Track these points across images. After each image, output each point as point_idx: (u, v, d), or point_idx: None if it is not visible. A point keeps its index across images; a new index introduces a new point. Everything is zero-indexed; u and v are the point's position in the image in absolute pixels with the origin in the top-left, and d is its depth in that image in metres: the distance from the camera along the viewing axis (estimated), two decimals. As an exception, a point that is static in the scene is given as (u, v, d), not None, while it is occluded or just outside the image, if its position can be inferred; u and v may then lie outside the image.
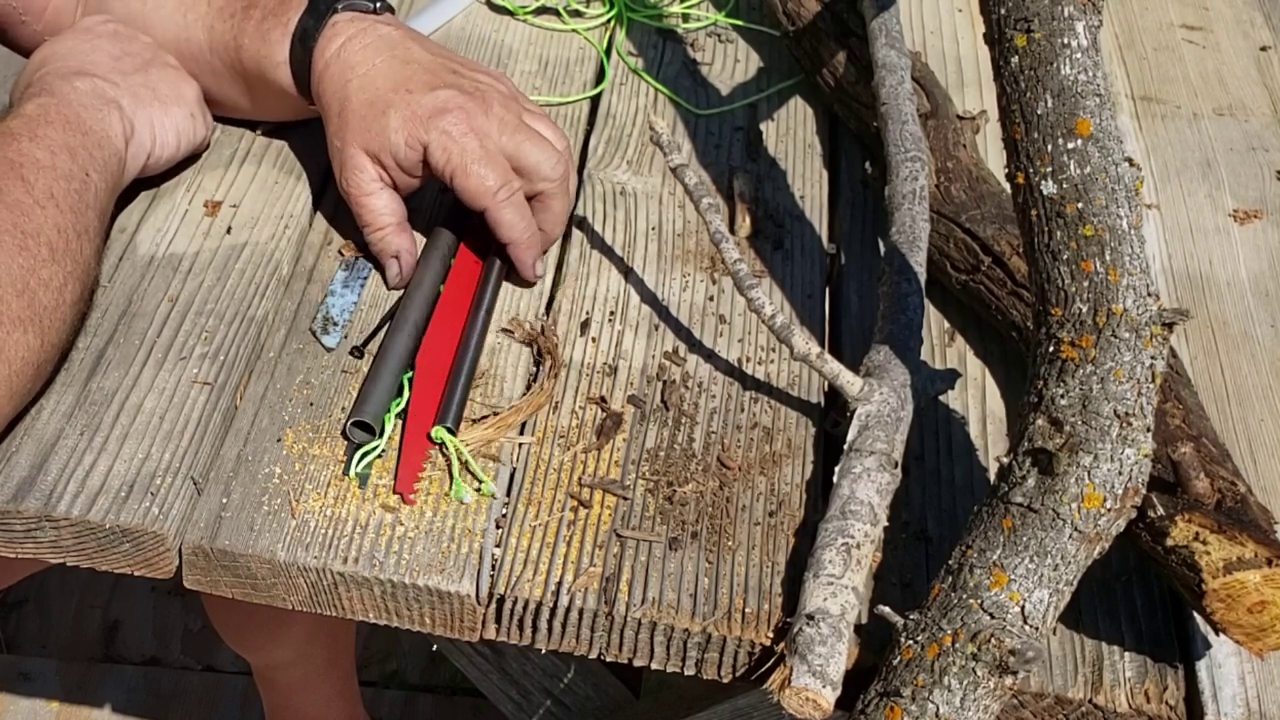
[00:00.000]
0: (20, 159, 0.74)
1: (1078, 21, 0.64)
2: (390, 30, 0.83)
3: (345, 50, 0.81)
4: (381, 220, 0.82)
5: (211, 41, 0.86)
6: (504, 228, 0.81)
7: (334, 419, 0.76)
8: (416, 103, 0.79)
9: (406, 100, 0.79)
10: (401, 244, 0.83)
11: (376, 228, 0.82)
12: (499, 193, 0.80)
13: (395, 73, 0.81)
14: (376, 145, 0.80)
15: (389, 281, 0.83)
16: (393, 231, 0.82)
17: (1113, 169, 0.62)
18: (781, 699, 0.62)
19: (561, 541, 0.71)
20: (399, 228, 0.83)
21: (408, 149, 0.79)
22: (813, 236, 0.91)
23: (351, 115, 0.80)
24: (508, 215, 0.81)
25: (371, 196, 0.81)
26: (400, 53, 0.82)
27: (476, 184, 0.79)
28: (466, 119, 0.79)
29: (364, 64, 0.81)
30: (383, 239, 0.82)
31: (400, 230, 0.83)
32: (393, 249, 0.82)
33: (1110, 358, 0.61)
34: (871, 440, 0.71)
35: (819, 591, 0.65)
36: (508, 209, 0.80)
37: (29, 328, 0.70)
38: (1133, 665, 0.69)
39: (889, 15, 0.93)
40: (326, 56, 0.82)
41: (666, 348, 0.82)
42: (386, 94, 0.80)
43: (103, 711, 1.70)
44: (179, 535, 0.70)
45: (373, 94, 0.80)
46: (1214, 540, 0.63)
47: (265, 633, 1.33)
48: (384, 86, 0.80)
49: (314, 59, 0.82)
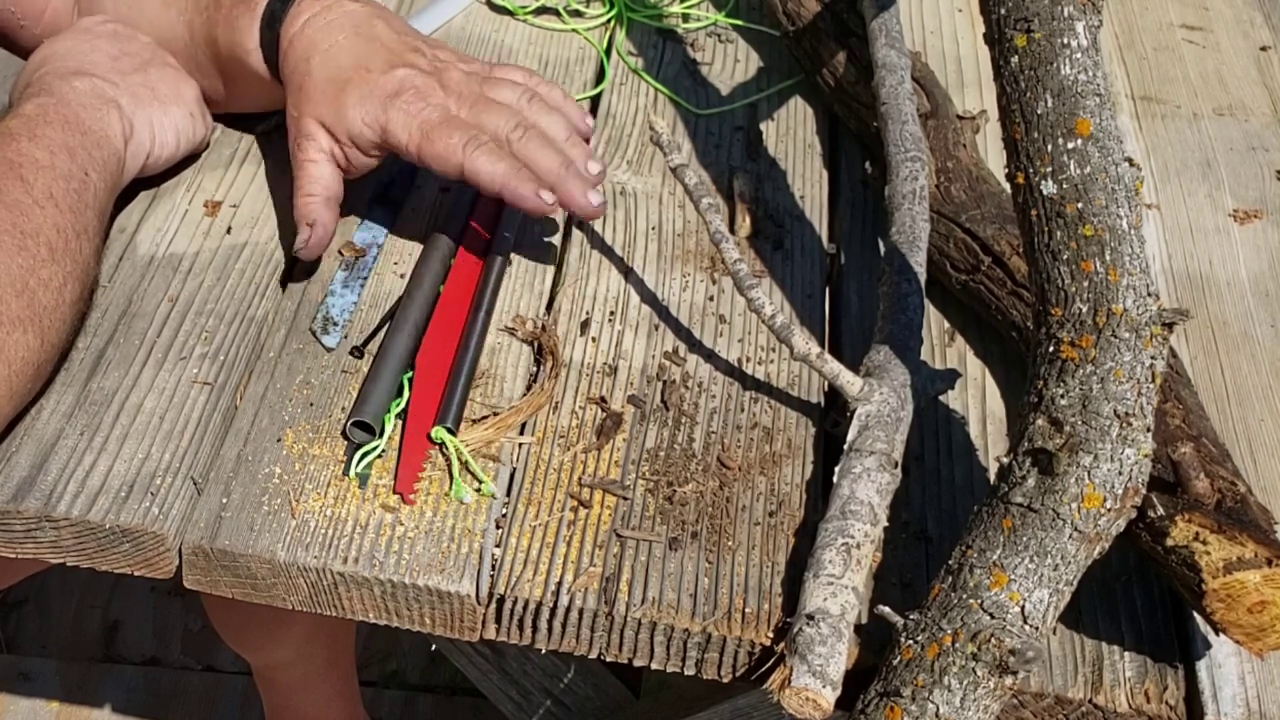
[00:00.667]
0: (19, 159, 0.74)
1: (1078, 21, 0.64)
2: (355, 6, 0.84)
3: (309, 27, 0.82)
4: (313, 187, 0.81)
5: (192, 36, 0.87)
6: (483, 176, 0.79)
7: (334, 419, 0.76)
8: (374, 82, 0.80)
9: (365, 79, 0.80)
10: (321, 215, 0.81)
11: (306, 193, 0.81)
12: (465, 145, 0.79)
13: (356, 50, 0.81)
14: (331, 119, 0.80)
15: (295, 247, 0.81)
16: (319, 202, 0.81)
17: (1113, 169, 0.62)
18: (781, 699, 0.62)
19: (561, 541, 0.71)
20: (327, 201, 0.82)
21: (364, 126, 0.80)
22: (813, 236, 0.91)
23: (312, 89, 0.80)
24: (482, 163, 0.79)
25: (314, 164, 0.81)
26: (364, 29, 0.82)
27: (442, 145, 0.79)
28: (424, 96, 0.80)
29: (326, 40, 0.81)
30: (307, 204, 0.81)
31: (326, 204, 0.82)
32: (310, 216, 0.81)
33: (1110, 358, 0.61)
34: (871, 440, 0.71)
35: (819, 591, 0.65)
36: (478, 154, 0.79)
37: (28, 328, 0.70)
38: (1133, 665, 0.69)
39: (889, 15, 0.93)
40: (290, 33, 0.82)
41: (666, 348, 0.82)
42: (347, 71, 0.80)
43: (103, 711, 1.70)
44: (179, 535, 0.70)
45: (333, 70, 0.80)
46: (1214, 540, 0.63)
47: (265, 633, 1.33)
48: (345, 63, 0.80)
49: (279, 39, 0.82)
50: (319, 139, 0.81)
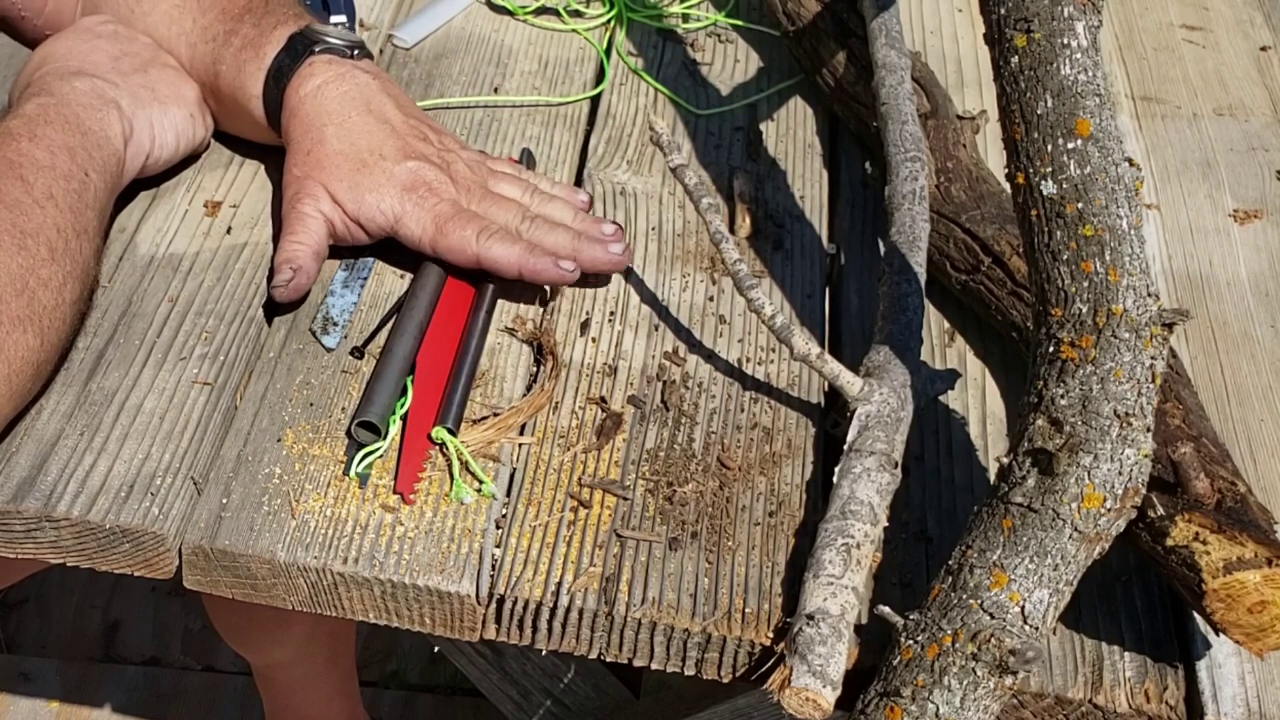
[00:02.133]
0: (19, 159, 0.74)
1: (1078, 21, 0.64)
2: (368, 79, 0.84)
3: (321, 94, 0.82)
4: (304, 236, 0.81)
5: (192, 59, 0.87)
6: (500, 263, 0.81)
7: (334, 419, 0.76)
8: (389, 171, 0.81)
9: (380, 166, 0.81)
10: (307, 263, 0.80)
11: (296, 239, 0.80)
12: (479, 235, 0.80)
13: (370, 131, 0.82)
14: (345, 196, 0.81)
15: (273, 285, 0.80)
16: (308, 251, 0.80)
17: (1113, 169, 0.62)
18: (781, 699, 0.62)
19: (561, 542, 0.71)
20: (315, 254, 0.81)
21: (379, 213, 0.81)
22: (813, 236, 0.91)
23: (325, 159, 0.81)
24: (497, 250, 0.80)
25: (311, 218, 0.81)
26: (376, 108, 0.83)
27: (457, 238, 0.80)
28: (438, 190, 0.82)
29: (340, 114, 0.82)
30: (295, 249, 0.80)
31: (314, 256, 0.81)
32: (296, 261, 0.80)
33: (1110, 358, 0.61)
34: (871, 440, 0.71)
35: (819, 592, 0.65)
36: (494, 245, 0.80)
37: (28, 327, 0.70)
38: (1133, 665, 0.69)
39: (889, 15, 0.93)
40: (301, 94, 0.83)
41: (666, 348, 0.82)
42: (362, 153, 0.81)
43: (103, 711, 1.70)
44: (179, 535, 0.70)
45: (348, 147, 0.81)
46: (1214, 540, 0.63)
47: (265, 633, 1.33)
48: (361, 145, 0.82)
49: (286, 96, 0.83)
50: (322, 201, 0.81)
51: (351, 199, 0.81)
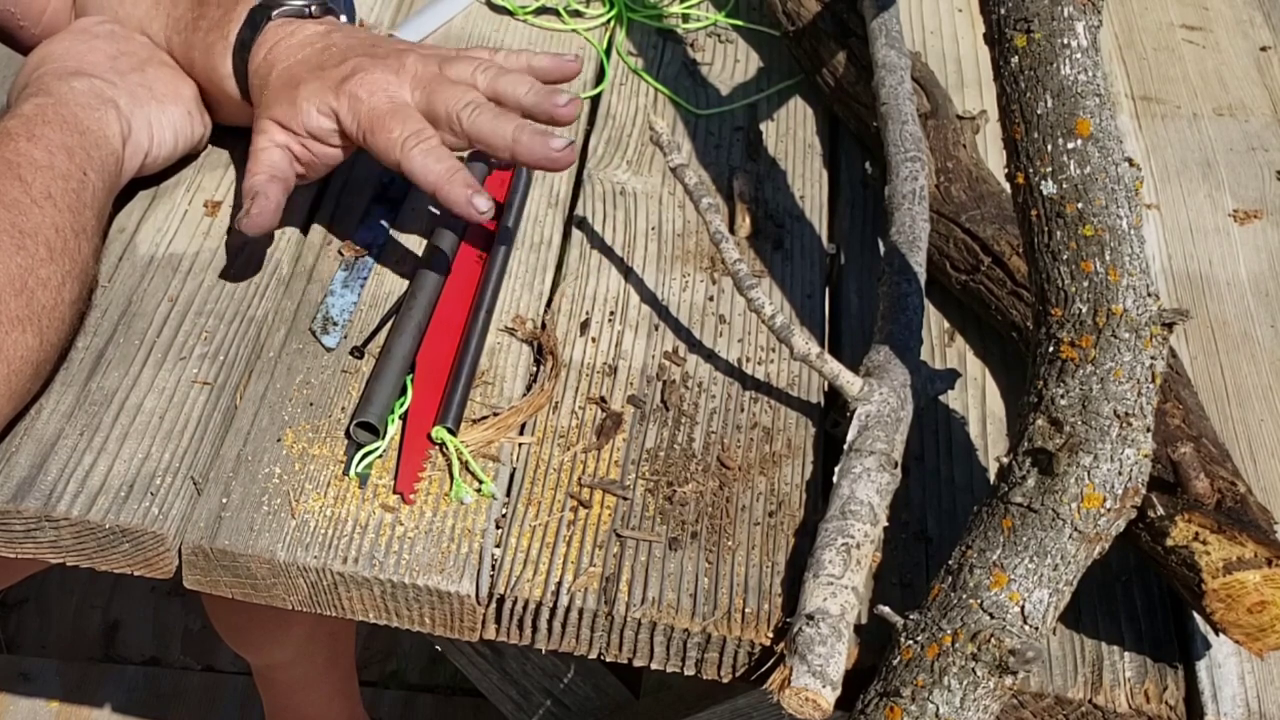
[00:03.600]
0: (17, 159, 0.74)
1: (1078, 22, 0.64)
2: (318, 28, 0.84)
3: (273, 51, 0.82)
4: (262, 168, 0.80)
5: (172, 51, 0.87)
6: (418, 175, 0.77)
7: (334, 419, 0.76)
8: (327, 74, 0.80)
9: (318, 75, 0.80)
10: (268, 189, 0.79)
11: (254, 172, 0.79)
12: (405, 141, 0.77)
13: (310, 58, 0.81)
14: (285, 115, 0.80)
15: (236, 218, 0.79)
16: (266, 179, 0.79)
17: (1113, 169, 0.62)
18: (781, 699, 0.62)
19: (561, 541, 0.71)
20: (274, 180, 0.79)
21: (319, 114, 0.79)
22: (813, 236, 0.91)
23: (268, 94, 0.81)
24: (417, 161, 0.77)
25: (263, 150, 0.80)
26: (320, 44, 0.82)
27: (384, 139, 0.77)
28: (373, 80, 0.79)
29: (287, 58, 0.82)
30: (253, 179, 0.79)
31: (273, 181, 0.79)
32: (255, 188, 0.79)
33: (1110, 358, 0.61)
34: (871, 440, 0.71)
35: (819, 592, 0.65)
36: (416, 154, 0.77)
37: (27, 327, 0.70)
38: (1133, 665, 0.69)
39: (889, 15, 0.93)
40: (257, 61, 0.83)
41: (666, 348, 0.82)
42: (300, 73, 0.80)
43: (103, 711, 1.70)
44: (179, 535, 0.70)
45: (288, 77, 0.81)
46: (1214, 540, 0.63)
47: (265, 633, 1.33)
48: (299, 72, 0.81)
49: (248, 66, 0.83)
50: (271, 132, 0.80)
51: (291, 114, 0.79)
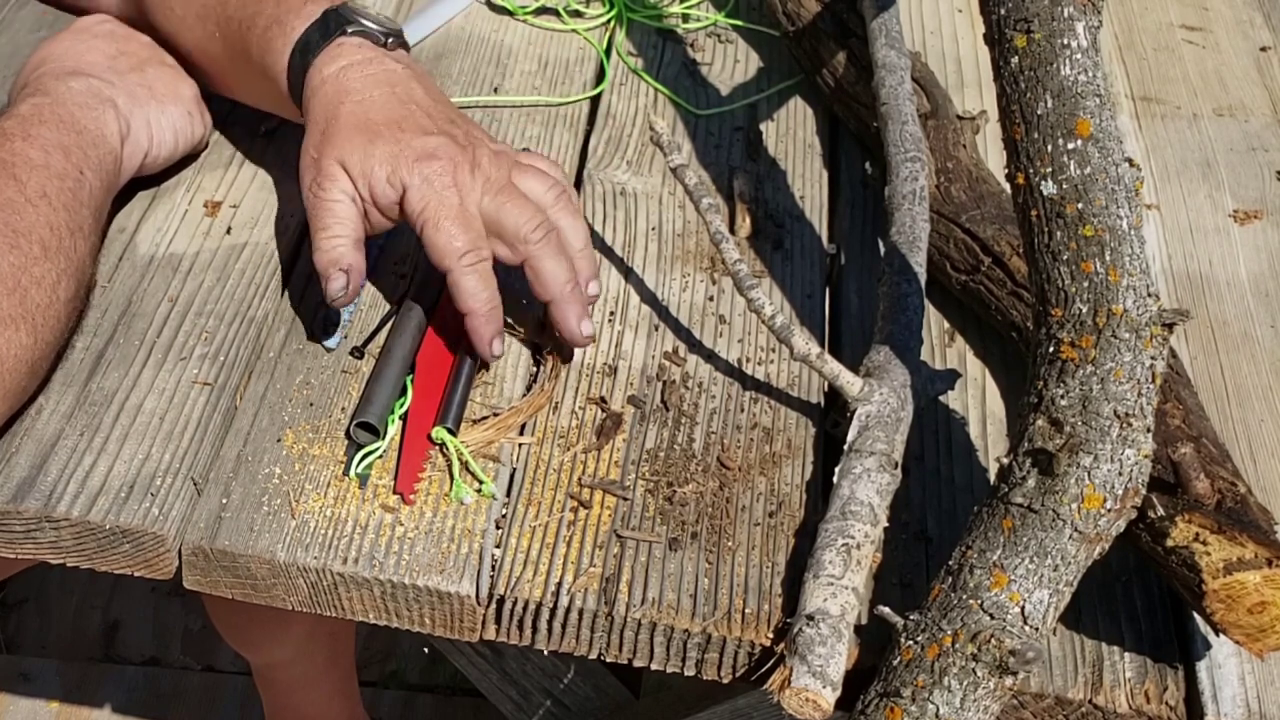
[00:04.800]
0: (13, 158, 0.74)
1: (1078, 22, 0.64)
2: (398, 66, 0.80)
3: (346, 74, 0.78)
4: (339, 228, 0.76)
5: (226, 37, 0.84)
6: (463, 295, 0.75)
7: (334, 419, 0.76)
8: (407, 142, 0.76)
9: (397, 137, 0.76)
10: (354, 260, 0.76)
11: (333, 234, 0.76)
12: (464, 256, 0.75)
13: (392, 109, 0.77)
14: (357, 169, 0.76)
15: (331, 296, 0.76)
16: (348, 243, 0.76)
17: (1113, 169, 0.62)
18: (781, 699, 0.62)
19: (561, 542, 0.71)
20: (355, 243, 0.76)
21: (388, 185, 0.76)
22: (813, 236, 0.91)
23: (337, 134, 0.76)
24: (468, 282, 0.75)
25: (338, 203, 0.76)
26: (401, 91, 0.79)
27: (444, 242, 0.75)
28: (452, 171, 0.76)
29: (361, 91, 0.78)
30: (335, 248, 0.76)
31: (355, 246, 0.76)
32: (344, 261, 0.76)
33: (1110, 358, 0.61)
34: (872, 441, 0.71)
35: (819, 592, 0.65)
36: (470, 275, 0.75)
37: (21, 325, 0.70)
38: (1133, 666, 0.69)
39: (889, 15, 0.93)
40: (325, 74, 0.79)
41: (666, 348, 0.82)
42: (378, 125, 0.76)
43: (103, 711, 1.70)
44: (179, 536, 0.70)
45: (363, 120, 0.77)
46: (1214, 541, 0.63)
47: (265, 632, 1.33)
48: (377, 118, 0.77)
49: (310, 73, 0.79)
50: (341, 182, 0.76)
51: (361, 169, 0.76)
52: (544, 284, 0.77)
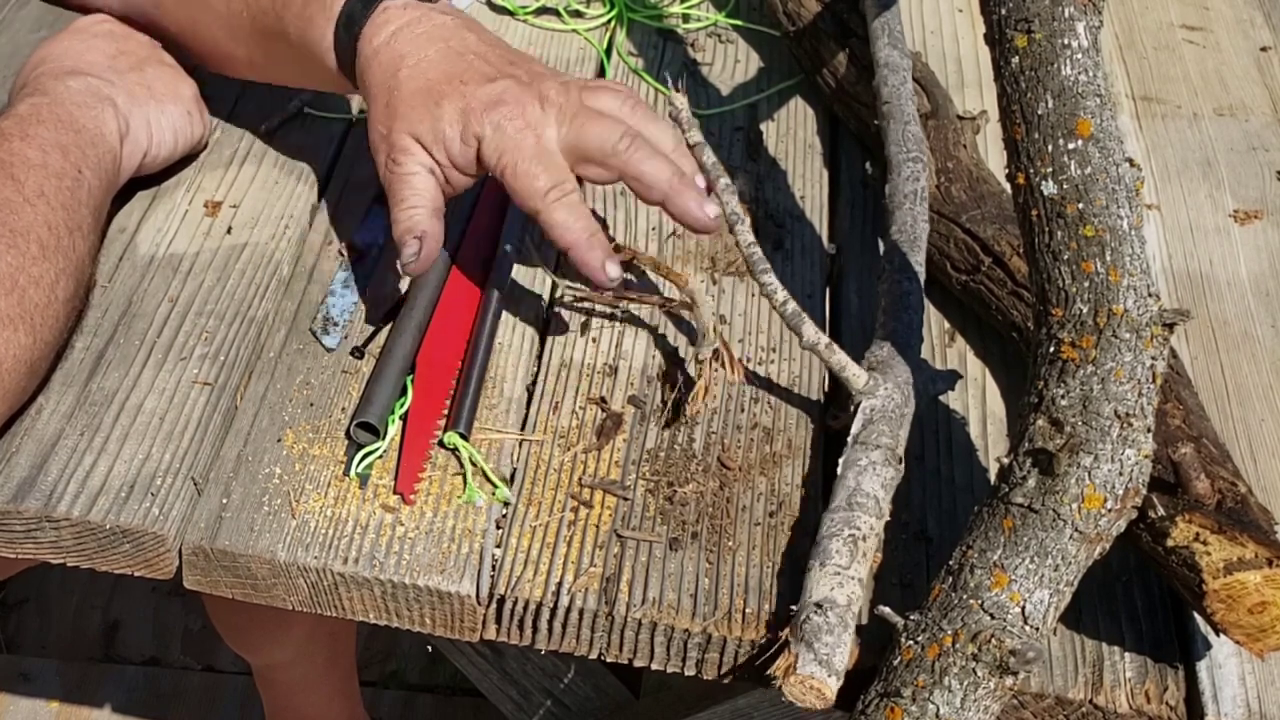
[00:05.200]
0: (10, 158, 0.74)
1: (1078, 22, 0.64)
2: (446, 19, 0.79)
3: (396, 39, 0.77)
4: (416, 199, 0.76)
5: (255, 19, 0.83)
6: (556, 230, 0.74)
7: (334, 419, 0.76)
8: (472, 95, 0.75)
9: (461, 92, 0.75)
10: (430, 227, 0.76)
11: (409, 205, 0.76)
12: (549, 194, 0.74)
13: (450, 63, 0.76)
14: (429, 136, 0.75)
15: (403, 261, 0.76)
16: (424, 212, 0.76)
17: (1113, 169, 0.62)
18: (785, 686, 0.61)
19: (562, 542, 0.71)
20: (433, 212, 0.76)
21: (462, 143, 0.75)
22: (813, 236, 0.91)
23: (401, 104, 0.75)
24: (559, 216, 0.74)
25: (414, 175, 0.76)
26: (455, 43, 0.78)
27: (526, 184, 0.74)
28: (521, 112, 0.75)
29: (415, 53, 0.76)
30: (412, 216, 0.76)
31: (433, 215, 0.76)
32: (419, 228, 0.75)
33: (1111, 358, 0.61)
34: (877, 434, 0.71)
35: (826, 580, 0.64)
36: (558, 210, 0.74)
37: (19, 325, 0.70)
38: (1133, 666, 0.69)
39: (890, 15, 0.92)
40: (375, 44, 0.77)
41: (667, 348, 0.82)
42: (440, 84, 0.75)
43: (103, 711, 1.70)
44: (179, 536, 0.70)
45: (424, 83, 0.75)
46: (1214, 541, 0.63)
47: (265, 633, 1.33)
48: (436, 77, 0.75)
49: (360, 45, 0.78)
50: (417, 153, 0.76)
51: (434, 137, 0.75)
52: (648, 185, 0.76)
